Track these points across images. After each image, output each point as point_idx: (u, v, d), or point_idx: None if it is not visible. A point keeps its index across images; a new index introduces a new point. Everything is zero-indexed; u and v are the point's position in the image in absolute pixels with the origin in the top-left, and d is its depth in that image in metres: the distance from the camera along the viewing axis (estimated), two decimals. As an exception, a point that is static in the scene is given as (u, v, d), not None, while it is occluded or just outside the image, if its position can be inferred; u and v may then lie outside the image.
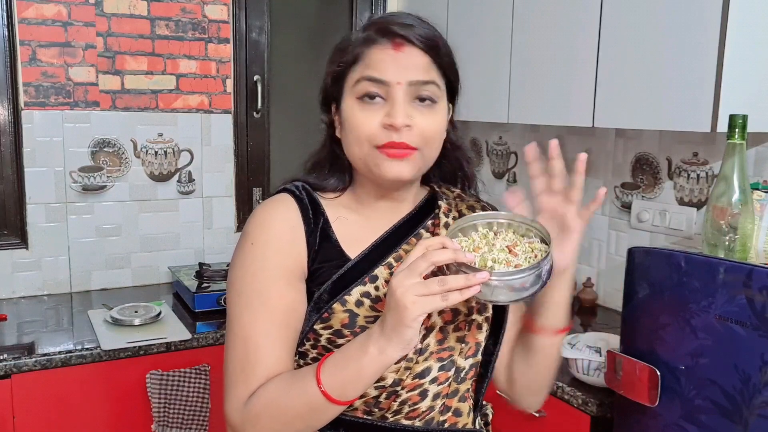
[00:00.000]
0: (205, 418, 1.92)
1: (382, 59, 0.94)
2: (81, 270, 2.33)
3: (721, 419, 1.19)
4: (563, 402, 1.60)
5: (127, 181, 2.38)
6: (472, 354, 1.02)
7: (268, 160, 2.65)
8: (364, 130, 0.94)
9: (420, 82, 0.94)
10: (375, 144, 0.93)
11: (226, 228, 2.57)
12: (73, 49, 2.25)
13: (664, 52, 1.59)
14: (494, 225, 0.94)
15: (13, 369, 1.73)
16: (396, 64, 0.93)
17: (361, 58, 0.95)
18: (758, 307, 1.13)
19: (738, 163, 1.29)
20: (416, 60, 0.94)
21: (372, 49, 0.95)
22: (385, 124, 0.92)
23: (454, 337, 1.00)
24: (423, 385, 0.97)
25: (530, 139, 2.49)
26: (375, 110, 0.94)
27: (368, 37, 0.96)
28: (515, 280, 0.84)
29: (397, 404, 0.97)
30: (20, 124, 2.20)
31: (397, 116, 0.92)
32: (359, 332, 0.93)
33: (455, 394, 1.01)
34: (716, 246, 1.32)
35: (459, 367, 1.00)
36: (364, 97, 0.94)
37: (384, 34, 0.95)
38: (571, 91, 1.87)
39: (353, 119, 0.95)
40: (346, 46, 0.98)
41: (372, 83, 0.94)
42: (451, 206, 1.08)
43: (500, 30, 2.10)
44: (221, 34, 2.47)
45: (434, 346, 0.98)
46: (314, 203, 1.01)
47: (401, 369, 0.96)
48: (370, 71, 0.94)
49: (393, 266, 0.99)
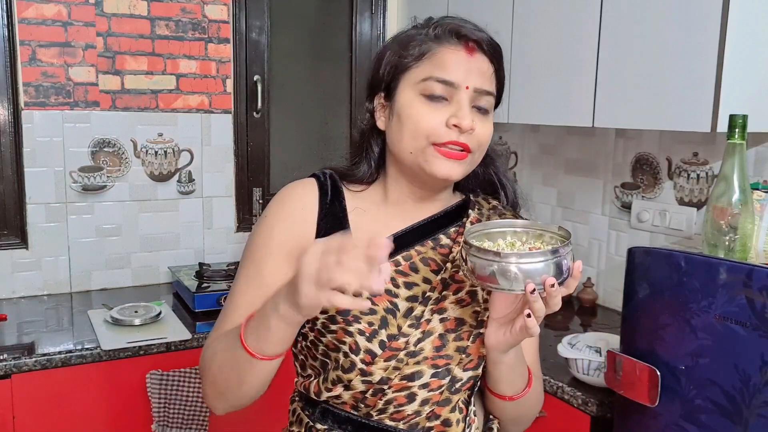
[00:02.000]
0: (205, 418, 1.92)
1: (453, 60, 0.95)
2: (81, 270, 2.33)
3: (721, 419, 1.19)
4: (563, 402, 1.60)
5: (127, 181, 2.38)
6: (472, 367, 1.00)
7: (268, 160, 2.65)
8: (425, 125, 0.94)
9: (483, 91, 0.96)
10: (434, 141, 0.95)
11: (226, 228, 2.57)
12: (73, 49, 2.25)
13: (664, 52, 1.59)
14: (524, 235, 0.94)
15: (13, 369, 1.73)
16: (467, 67, 0.95)
17: (430, 55, 0.96)
18: (758, 307, 1.13)
19: (738, 163, 1.29)
20: (484, 67, 0.96)
21: (444, 48, 0.95)
22: (452, 124, 0.94)
23: (454, 346, 0.99)
24: (411, 388, 0.97)
25: (530, 139, 2.49)
26: (438, 108, 0.95)
27: (440, 36, 0.96)
28: (533, 264, 0.82)
29: (382, 403, 0.97)
30: (20, 124, 2.20)
31: (465, 118, 0.94)
32: (351, 320, 0.95)
33: (447, 404, 1.00)
34: (716, 246, 1.32)
35: (455, 378, 0.99)
36: (429, 95, 0.95)
37: (458, 36, 0.95)
38: (571, 91, 1.87)
39: (414, 113, 0.95)
40: (410, 40, 0.98)
41: (440, 84, 0.95)
42: (482, 217, 1.07)
43: (500, 30, 2.09)
44: (221, 34, 2.47)
45: (430, 351, 0.97)
46: (336, 191, 1.03)
47: (390, 368, 0.96)
48: (440, 72, 0.94)
49: (400, 264, 1.00)
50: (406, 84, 0.97)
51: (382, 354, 0.96)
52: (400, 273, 1.00)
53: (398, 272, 1.00)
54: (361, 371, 0.95)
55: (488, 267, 0.84)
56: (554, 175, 2.39)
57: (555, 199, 2.39)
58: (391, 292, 0.99)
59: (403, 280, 1.00)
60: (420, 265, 1.01)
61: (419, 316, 0.97)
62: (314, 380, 1.02)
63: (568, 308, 2.21)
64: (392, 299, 0.98)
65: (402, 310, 0.98)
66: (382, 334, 0.96)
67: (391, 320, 0.97)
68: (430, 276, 1.01)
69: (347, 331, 0.96)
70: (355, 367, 0.95)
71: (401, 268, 1.00)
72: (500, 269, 0.83)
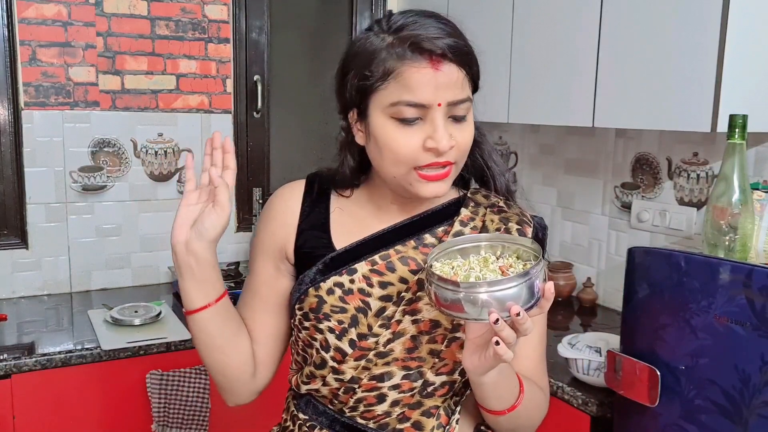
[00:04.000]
0: (205, 418, 1.92)
1: (420, 81, 0.89)
2: (81, 270, 2.33)
3: (721, 419, 1.19)
4: (563, 402, 1.60)
5: (127, 181, 2.38)
6: (446, 371, 0.98)
7: (268, 160, 2.65)
8: (403, 153, 0.91)
9: (457, 102, 0.91)
10: (415, 165, 0.92)
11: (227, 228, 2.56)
12: (73, 49, 2.25)
13: (664, 52, 1.59)
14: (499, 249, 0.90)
15: (13, 369, 1.73)
16: (435, 84, 0.89)
17: (395, 75, 0.90)
18: (758, 307, 1.13)
19: (738, 163, 1.29)
20: (453, 77, 0.90)
21: (408, 68, 0.89)
22: (429, 148, 0.90)
23: (428, 349, 0.97)
24: (381, 389, 0.97)
25: (530, 139, 2.49)
26: (414, 132, 0.91)
27: (402, 54, 0.89)
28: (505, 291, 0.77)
29: (353, 401, 0.98)
30: (20, 124, 2.20)
31: (441, 140, 0.90)
32: (322, 318, 0.98)
33: (418, 407, 0.99)
34: (716, 246, 1.32)
35: (428, 381, 0.98)
36: (401, 119, 0.90)
37: (420, 52, 0.89)
38: (571, 91, 1.87)
39: (390, 141, 0.91)
40: (371, 57, 0.91)
41: (411, 107, 0.89)
42: (477, 215, 1.03)
43: (500, 30, 2.10)
44: (221, 34, 2.47)
45: (400, 353, 0.96)
46: (323, 193, 1.05)
47: (359, 368, 0.97)
48: (409, 95, 0.89)
49: (377, 263, 0.99)
50: (376, 106, 0.92)
51: (352, 353, 0.96)
52: (375, 272, 0.98)
53: (373, 271, 0.98)
54: (332, 369, 0.98)
55: (452, 295, 0.79)
56: (554, 175, 2.39)
57: (555, 199, 2.39)
58: (364, 291, 0.98)
59: (378, 279, 0.98)
60: (398, 265, 0.99)
61: (390, 317, 0.96)
62: (297, 373, 1.06)
63: (568, 308, 2.21)
64: (365, 298, 0.98)
65: (374, 310, 0.97)
66: (351, 332, 0.97)
67: (361, 319, 0.97)
68: (407, 276, 0.98)
69: (318, 328, 0.98)
70: (326, 364, 0.98)
71: (377, 267, 0.99)
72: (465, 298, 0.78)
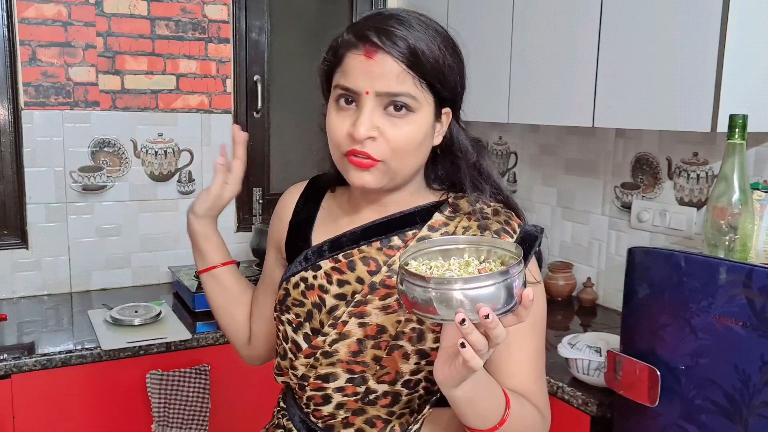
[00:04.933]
0: (205, 418, 1.92)
1: (353, 67, 0.90)
2: (81, 270, 2.33)
3: (721, 419, 1.19)
4: (563, 402, 1.60)
5: (127, 181, 2.38)
6: (388, 381, 0.95)
7: (268, 160, 2.65)
8: (335, 135, 0.93)
9: (390, 93, 0.89)
10: (341, 150, 0.92)
11: (226, 228, 2.56)
12: (73, 49, 2.25)
13: (664, 52, 1.59)
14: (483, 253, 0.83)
15: (13, 369, 1.73)
16: (366, 72, 0.89)
17: (338, 61, 0.93)
18: (758, 307, 1.13)
19: (738, 163, 1.29)
20: (388, 68, 0.88)
21: (348, 54, 0.91)
22: (348, 133, 0.91)
23: (371, 354, 0.95)
24: (326, 390, 0.97)
25: (530, 139, 2.49)
26: (347, 117, 0.92)
27: (348, 41, 0.92)
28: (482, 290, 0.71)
29: (305, 399, 1.01)
30: (20, 124, 2.20)
31: (359, 127, 0.89)
32: (284, 310, 1.03)
33: (361, 413, 0.97)
34: (716, 246, 1.32)
35: (369, 389, 0.96)
36: (339, 101, 0.92)
37: (360, 39, 0.90)
38: (571, 91, 1.87)
39: (329, 123, 0.94)
40: (335, 45, 0.95)
41: (344, 91, 0.91)
42: (452, 221, 0.98)
43: (500, 30, 2.10)
44: (221, 34, 2.47)
45: (345, 355, 0.96)
46: (319, 193, 1.09)
47: (308, 365, 0.99)
48: (343, 80, 0.91)
49: (339, 261, 0.99)
50: (331, 91, 0.95)
51: (304, 350, 0.99)
52: (336, 270, 0.99)
53: (335, 269, 0.99)
54: (290, 362, 1.01)
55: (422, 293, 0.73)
56: (554, 175, 2.39)
57: (555, 199, 2.39)
58: (323, 288, 0.99)
59: (338, 277, 0.98)
60: (359, 265, 0.97)
61: (338, 317, 0.96)
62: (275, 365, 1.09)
63: (568, 308, 2.21)
64: (322, 294, 0.99)
65: (327, 307, 0.98)
66: (306, 327, 0.99)
67: (315, 315, 0.99)
68: (365, 276, 0.97)
69: (281, 319, 1.03)
70: (286, 356, 1.02)
71: (338, 266, 0.99)
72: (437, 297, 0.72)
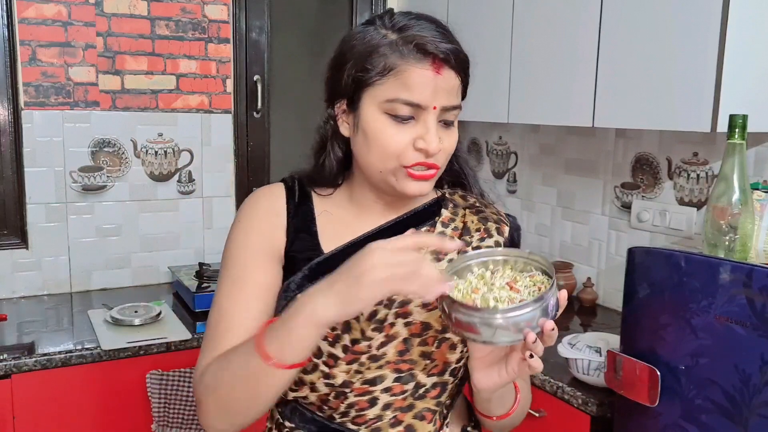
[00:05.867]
0: (205, 418, 1.92)
1: (421, 83, 0.90)
2: (81, 270, 2.33)
3: (721, 419, 1.19)
4: (563, 402, 1.60)
5: (127, 181, 2.38)
6: (437, 372, 0.98)
7: (268, 160, 2.65)
8: (393, 148, 0.92)
9: (450, 107, 0.93)
10: (403, 163, 0.92)
11: (226, 228, 2.52)
12: (73, 49, 2.25)
13: (664, 52, 1.59)
14: (490, 263, 0.90)
15: (13, 369, 1.73)
16: (434, 87, 0.90)
17: (395, 72, 0.91)
18: (758, 307, 1.13)
19: (738, 163, 1.29)
20: (451, 83, 0.92)
21: (409, 66, 0.90)
22: (419, 148, 0.92)
23: (419, 351, 0.97)
24: (373, 393, 0.96)
25: (530, 139, 2.49)
26: (406, 129, 0.92)
27: (406, 53, 0.90)
28: (521, 316, 0.78)
29: (344, 406, 0.96)
30: (20, 124, 2.20)
31: (431, 142, 0.91)
32: None
33: (410, 409, 0.98)
34: (716, 246, 1.32)
35: (419, 383, 0.97)
36: (395, 116, 0.91)
37: (424, 53, 0.90)
38: (571, 91, 1.87)
39: (381, 135, 0.92)
40: (372, 50, 0.92)
41: (407, 106, 0.91)
42: (456, 216, 1.04)
43: (500, 30, 2.10)
44: (221, 34, 2.47)
45: (393, 356, 0.96)
46: (304, 195, 1.03)
47: (351, 371, 0.95)
48: (408, 94, 0.90)
49: None
50: (371, 100, 0.93)
51: (344, 357, 0.95)
52: None
53: None
54: (323, 373, 0.95)
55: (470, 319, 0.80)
56: (554, 175, 2.39)
57: (555, 199, 2.39)
58: None
59: None
60: None
61: (383, 320, 0.96)
62: None
63: (568, 308, 2.21)
64: None
65: (366, 314, 0.96)
66: (345, 339, 0.95)
67: (354, 324, 0.95)
68: None
69: None
70: (317, 368, 0.95)
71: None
72: (481, 321, 0.79)
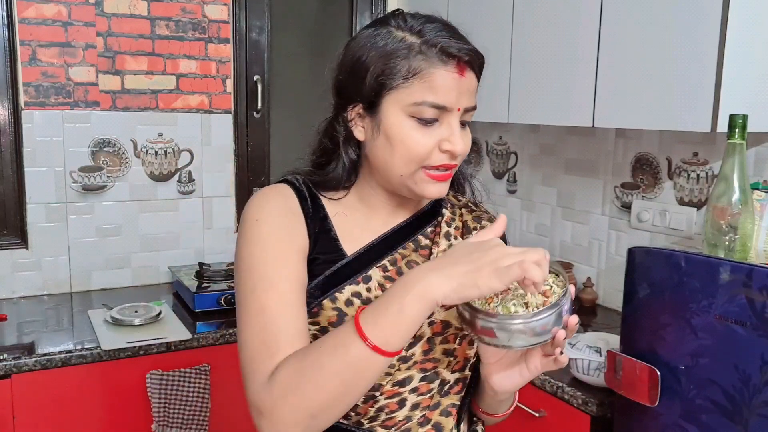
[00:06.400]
0: (205, 418, 1.92)
1: (446, 85, 0.90)
2: (81, 270, 2.33)
3: (721, 419, 1.19)
4: (563, 402, 1.60)
5: (127, 181, 2.38)
6: (459, 368, 1.01)
7: (268, 160, 2.65)
8: (418, 151, 0.92)
9: (471, 108, 0.95)
10: (427, 165, 0.93)
11: (226, 228, 2.57)
12: (73, 49, 2.25)
13: (664, 52, 1.59)
14: None
15: (13, 369, 1.73)
16: (458, 89, 0.91)
17: (420, 75, 0.90)
18: (758, 307, 1.13)
19: (738, 163, 1.29)
20: (472, 84, 0.94)
21: (435, 69, 0.90)
22: (445, 150, 0.92)
23: (441, 349, 0.98)
24: (402, 394, 0.96)
25: (530, 139, 2.49)
26: (430, 132, 0.92)
27: (431, 56, 0.90)
28: (538, 321, 0.81)
29: (374, 410, 0.96)
30: (20, 124, 2.20)
31: (458, 144, 0.92)
32: None
33: (437, 407, 0.99)
34: (716, 246, 1.32)
35: (444, 380, 0.99)
36: (420, 119, 0.91)
37: (448, 56, 0.90)
38: (571, 91, 1.87)
39: (407, 138, 0.91)
40: (393, 54, 0.91)
41: (432, 108, 0.91)
42: (455, 215, 1.07)
43: (500, 30, 2.10)
44: (221, 34, 2.47)
45: (419, 356, 0.97)
46: (313, 197, 1.01)
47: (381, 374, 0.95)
48: (434, 97, 0.90)
49: (387, 269, 0.98)
50: (394, 103, 0.91)
51: None
52: (388, 279, 0.97)
53: (386, 278, 0.97)
54: None
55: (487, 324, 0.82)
56: (554, 175, 2.39)
57: (555, 199, 2.39)
58: None
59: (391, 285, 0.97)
60: (405, 269, 0.99)
61: None
62: None
63: (568, 308, 2.21)
64: None
65: None
66: None
67: None
68: None
69: None
70: None
71: (389, 274, 0.97)
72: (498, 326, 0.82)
